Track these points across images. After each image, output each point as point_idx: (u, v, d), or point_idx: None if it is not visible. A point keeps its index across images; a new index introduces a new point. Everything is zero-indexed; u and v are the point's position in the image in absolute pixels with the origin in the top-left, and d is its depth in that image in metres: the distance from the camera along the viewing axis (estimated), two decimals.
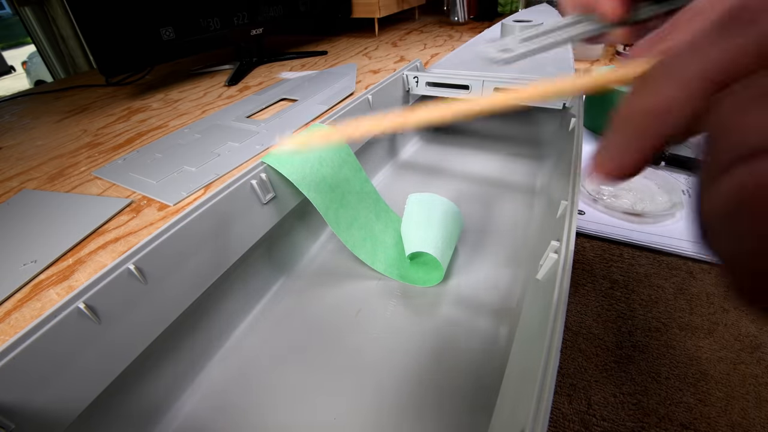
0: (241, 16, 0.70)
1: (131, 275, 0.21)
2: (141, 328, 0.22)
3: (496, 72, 0.47)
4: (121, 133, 0.50)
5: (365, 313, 0.31)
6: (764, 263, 0.06)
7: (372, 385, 0.26)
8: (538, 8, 0.92)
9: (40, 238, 0.29)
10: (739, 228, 0.07)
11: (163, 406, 0.25)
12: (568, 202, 0.26)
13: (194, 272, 0.25)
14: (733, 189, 0.07)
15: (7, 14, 2.65)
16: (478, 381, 0.26)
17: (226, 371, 0.28)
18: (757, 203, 0.06)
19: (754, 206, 0.06)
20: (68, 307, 0.18)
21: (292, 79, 0.65)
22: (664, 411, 0.24)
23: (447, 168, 0.50)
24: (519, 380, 0.20)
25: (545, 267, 0.24)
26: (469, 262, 0.35)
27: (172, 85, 0.70)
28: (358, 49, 0.81)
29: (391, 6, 0.96)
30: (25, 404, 0.17)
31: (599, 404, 0.25)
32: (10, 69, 1.39)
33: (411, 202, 0.36)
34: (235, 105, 0.55)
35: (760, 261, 0.06)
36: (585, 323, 0.30)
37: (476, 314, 0.30)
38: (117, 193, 0.35)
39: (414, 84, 0.48)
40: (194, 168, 0.37)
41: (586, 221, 0.39)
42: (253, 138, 0.43)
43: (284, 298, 0.33)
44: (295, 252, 0.37)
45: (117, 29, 0.55)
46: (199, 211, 0.25)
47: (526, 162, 0.50)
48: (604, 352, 0.28)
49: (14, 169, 0.43)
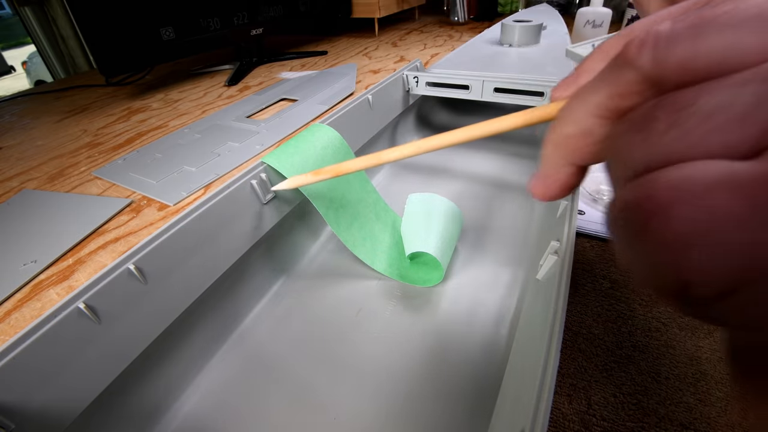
0: (241, 16, 0.70)
1: (131, 275, 0.21)
2: (141, 328, 0.22)
3: (496, 72, 0.47)
4: (121, 133, 0.50)
5: (365, 313, 0.31)
6: (659, 278, 0.07)
7: (372, 385, 0.26)
8: (538, 8, 0.92)
9: (40, 238, 0.29)
10: (618, 236, 0.08)
11: (163, 406, 0.25)
12: (568, 202, 0.26)
13: (194, 272, 0.25)
14: (614, 210, 0.08)
15: (7, 14, 2.65)
16: (478, 381, 0.26)
17: (225, 371, 0.28)
18: (631, 225, 0.07)
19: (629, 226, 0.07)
20: (68, 307, 0.18)
21: (292, 79, 0.65)
22: (664, 411, 0.24)
23: (447, 168, 0.50)
24: (519, 380, 0.20)
25: (545, 267, 0.24)
26: (469, 262, 0.35)
27: (172, 85, 0.70)
28: (358, 49, 0.81)
29: (391, 6, 0.96)
30: (25, 404, 0.17)
31: (599, 404, 0.25)
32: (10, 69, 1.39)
33: (411, 202, 0.36)
34: (235, 105, 0.55)
35: (649, 274, 0.07)
36: (585, 323, 0.30)
37: (476, 314, 0.30)
38: (117, 193, 0.35)
39: (414, 84, 0.48)
40: (194, 168, 0.37)
41: (586, 221, 0.39)
42: (253, 138, 0.43)
43: (284, 298, 0.33)
44: (295, 252, 0.37)
45: (117, 29, 0.55)
46: (199, 211, 0.25)
47: (526, 162, 0.50)
48: (604, 352, 0.28)
49: (14, 169, 0.43)
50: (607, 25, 0.75)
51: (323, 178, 0.22)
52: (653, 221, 0.07)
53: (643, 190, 0.07)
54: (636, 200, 0.07)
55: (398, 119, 0.52)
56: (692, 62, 0.07)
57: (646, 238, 0.07)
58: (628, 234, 0.07)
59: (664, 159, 0.07)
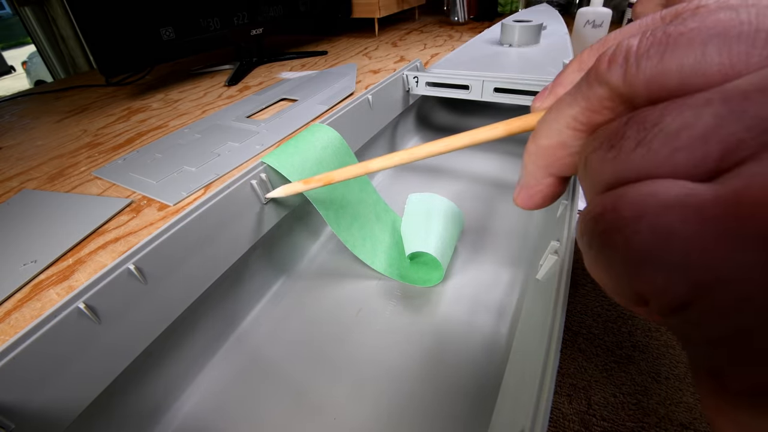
0: (241, 16, 0.70)
1: (131, 275, 0.21)
2: (141, 328, 0.22)
3: (496, 72, 0.47)
4: (121, 133, 0.50)
5: (365, 313, 0.31)
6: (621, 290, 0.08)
7: (372, 385, 0.26)
8: (538, 8, 0.92)
9: (40, 238, 0.29)
10: (586, 246, 0.08)
11: (163, 406, 0.25)
12: (568, 202, 0.26)
13: (194, 272, 0.25)
14: (583, 221, 0.08)
15: (7, 14, 2.65)
16: (478, 381, 0.26)
17: (226, 371, 0.28)
18: (596, 237, 0.08)
19: (596, 238, 0.08)
20: (68, 307, 0.18)
21: (292, 79, 0.65)
22: (664, 411, 0.24)
23: (447, 168, 0.50)
24: (519, 380, 0.20)
25: (545, 267, 0.24)
26: (469, 262, 0.35)
27: (172, 85, 0.70)
28: (358, 49, 0.81)
29: (391, 6, 0.96)
30: (25, 404, 0.17)
31: (599, 404, 0.25)
32: (10, 69, 1.39)
33: (411, 202, 0.36)
34: (235, 105, 0.55)
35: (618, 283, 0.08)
36: (585, 323, 0.30)
37: (476, 314, 0.30)
38: (117, 193, 0.35)
39: (414, 84, 0.48)
40: (194, 168, 0.37)
41: None
42: (253, 138, 0.43)
43: (284, 298, 0.33)
44: (295, 252, 0.37)
45: (117, 29, 0.55)
46: (199, 211, 0.25)
47: None
48: (604, 352, 0.28)
49: (14, 169, 0.43)
50: (607, 25, 0.75)
51: (314, 186, 0.23)
52: (616, 235, 0.07)
53: (609, 204, 0.07)
54: (602, 213, 0.07)
55: (398, 119, 0.52)
56: (659, 80, 0.08)
57: (610, 250, 0.07)
58: (594, 245, 0.08)
59: (632, 176, 0.07)
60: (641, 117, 0.08)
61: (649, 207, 0.07)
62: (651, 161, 0.07)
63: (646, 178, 0.07)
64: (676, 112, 0.07)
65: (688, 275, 0.06)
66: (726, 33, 0.07)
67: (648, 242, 0.07)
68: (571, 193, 0.26)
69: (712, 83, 0.07)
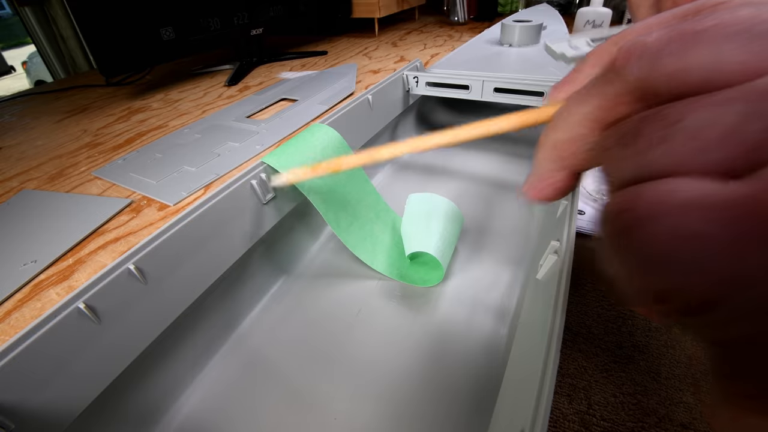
0: (241, 16, 0.70)
1: (131, 275, 0.21)
2: (141, 328, 0.22)
3: (496, 72, 0.47)
4: (121, 133, 0.50)
5: (365, 313, 0.31)
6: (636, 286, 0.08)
7: (372, 385, 0.26)
8: (538, 8, 0.92)
9: (40, 238, 0.29)
10: (604, 239, 0.08)
11: (163, 406, 0.25)
12: (567, 202, 0.26)
13: (194, 272, 0.25)
14: (604, 214, 0.08)
15: (7, 14, 2.65)
16: (478, 381, 0.26)
17: (226, 371, 0.28)
18: (615, 232, 0.08)
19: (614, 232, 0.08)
20: (68, 307, 0.18)
21: (292, 79, 0.65)
22: (664, 411, 0.24)
23: (447, 168, 0.50)
24: (519, 380, 0.20)
25: (545, 267, 0.24)
26: (469, 262, 0.35)
27: (172, 85, 0.70)
28: (358, 49, 0.81)
29: (391, 6, 0.96)
30: (25, 404, 0.17)
31: (599, 404, 0.25)
32: (10, 69, 1.39)
33: (411, 202, 0.36)
34: (235, 105, 0.55)
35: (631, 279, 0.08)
36: (585, 323, 0.30)
37: (476, 314, 0.30)
38: (117, 193, 0.35)
39: (414, 84, 0.48)
40: (194, 168, 0.37)
41: (586, 221, 0.39)
42: (253, 138, 0.43)
43: (284, 298, 0.33)
44: (295, 252, 0.37)
45: (117, 29, 0.55)
46: (199, 211, 0.25)
47: (526, 162, 0.50)
48: (604, 352, 0.28)
49: (14, 169, 0.43)
50: (607, 25, 0.75)
51: (321, 173, 0.23)
52: (637, 232, 0.07)
53: (628, 200, 0.07)
54: (620, 209, 0.07)
55: (398, 119, 0.52)
56: (679, 77, 0.08)
57: (631, 247, 0.07)
58: (614, 241, 0.08)
59: (652, 172, 0.07)
60: (662, 114, 0.08)
61: (670, 206, 0.07)
62: (671, 159, 0.07)
63: (667, 176, 0.07)
64: (698, 110, 0.07)
65: (713, 276, 0.06)
66: (748, 30, 0.07)
67: (671, 241, 0.06)
68: (571, 193, 0.26)
69: (734, 81, 0.07)
